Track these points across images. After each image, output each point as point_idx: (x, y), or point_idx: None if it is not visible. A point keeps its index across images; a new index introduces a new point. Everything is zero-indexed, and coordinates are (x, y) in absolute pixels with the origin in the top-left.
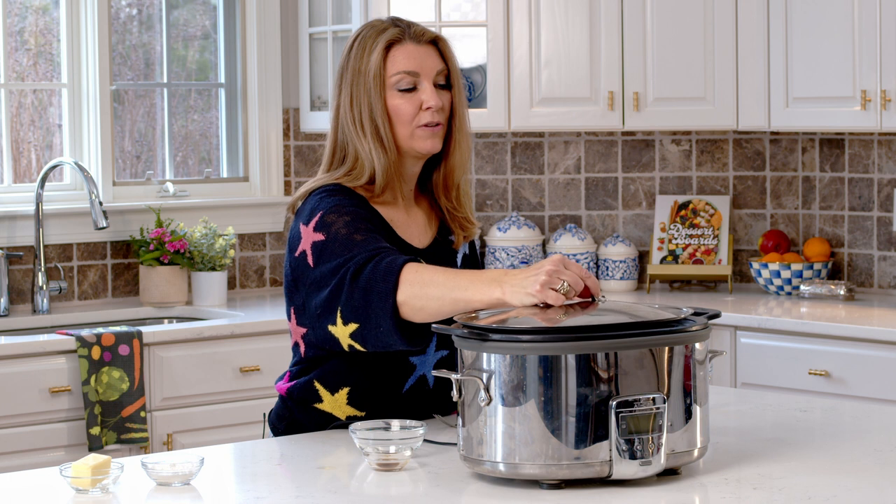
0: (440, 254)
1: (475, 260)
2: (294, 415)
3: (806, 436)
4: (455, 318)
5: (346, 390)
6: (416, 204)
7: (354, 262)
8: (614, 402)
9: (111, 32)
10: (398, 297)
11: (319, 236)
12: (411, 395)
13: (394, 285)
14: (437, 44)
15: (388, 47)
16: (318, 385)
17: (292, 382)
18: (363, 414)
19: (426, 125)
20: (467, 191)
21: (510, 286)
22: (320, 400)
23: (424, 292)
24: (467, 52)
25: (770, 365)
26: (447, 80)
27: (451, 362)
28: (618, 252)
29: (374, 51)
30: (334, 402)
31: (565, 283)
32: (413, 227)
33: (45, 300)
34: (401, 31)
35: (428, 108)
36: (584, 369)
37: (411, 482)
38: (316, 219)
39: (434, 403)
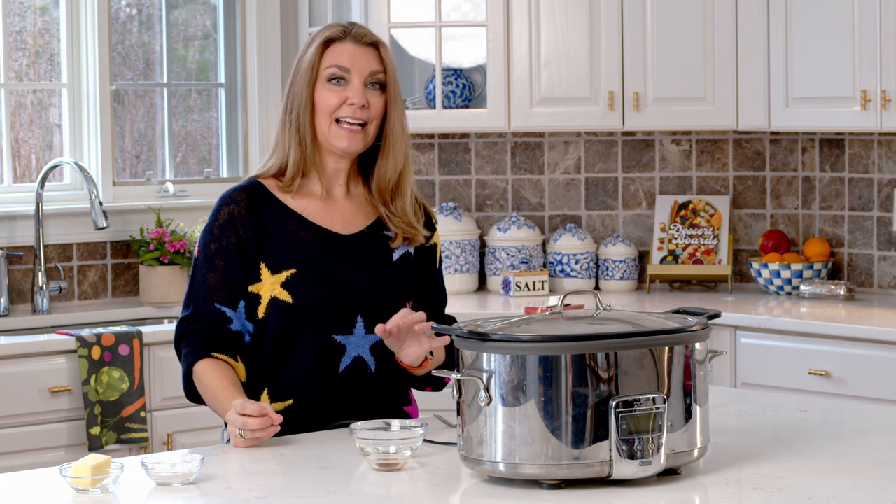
0: (368, 244)
1: (426, 265)
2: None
3: (806, 436)
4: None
5: (265, 392)
6: (350, 192)
7: (178, 325)
8: (614, 403)
9: (111, 32)
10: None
11: (195, 253)
12: (349, 378)
13: (186, 377)
14: (378, 48)
15: (327, 43)
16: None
17: None
18: (290, 402)
19: (344, 119)
20: (417, 201)
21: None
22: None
23: (203, 395)
24: (467, 52)
25: (770, 365)
26: (383, 83)
27: (385, 347)
28: (618, 252)
29: (313, 45)
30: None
31: (238, 431)
32: (336, 215)
33: (45, 300)
34: (343, 31)
35: (351, 104)
36: (584, 369)
37: (411, 482)
38: (201, 233)
39: (377, 390)
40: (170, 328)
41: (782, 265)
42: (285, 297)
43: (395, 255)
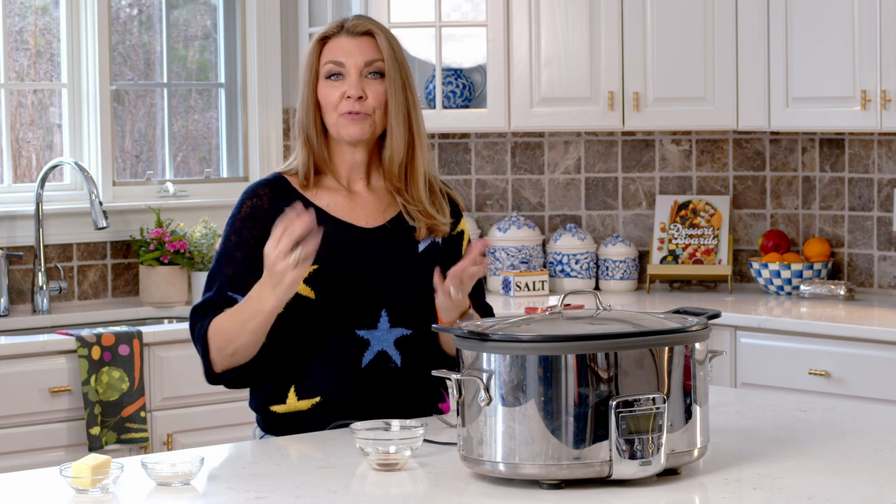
0: (392, 237)
1: (454, 254)
2: (269, 429)
3: (806, 436)
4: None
5: (292, 389)
6: (372, 185)
7: (192, 311)
8: (614, 403)
9: (111, 32)
10: (211, 357)
11: (219, 244)
12: (372, 372)
13: (204, 350)
14: (373, 36)
15: (324, 40)
16: (271, 395)
17: (256, 396)
18: (318, 399)
19: (346, 113)
20: (441, 190)
21: (268, 286)
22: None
23: (224, 339)
24: (467, 52)
25: (770, 365)
26: (383, 71)
27: (412, 341)
28: (618, 252)
29: (311, 44)
30: (291, 402)
31: (295, 256)
32: (359, 209)
33: (45, 300)
34: (337, 26)
35: (348, 97)
36: (584, 369)
37: (411, 482)
38: (226, 224)
39: (404, 385)
40: (170, 328)
41: (782, 265)
42: (308, 292)
43: (421, 247)
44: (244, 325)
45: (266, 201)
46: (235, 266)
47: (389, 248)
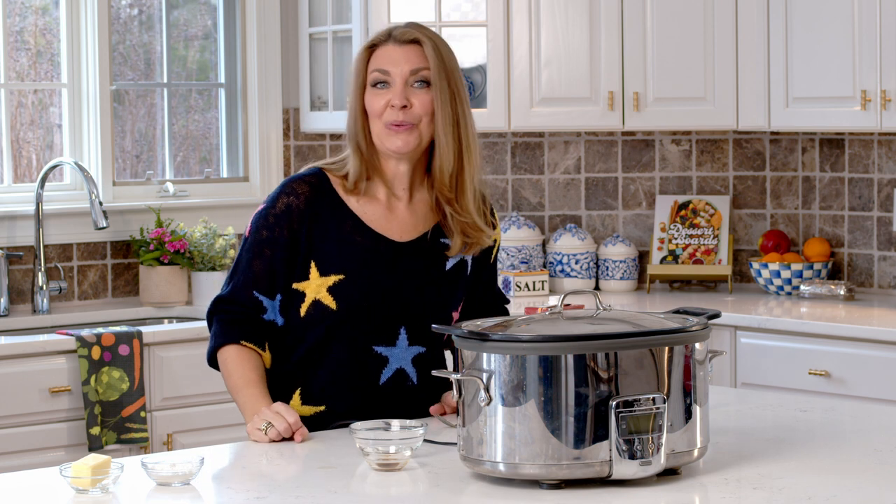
0: (422, 253)
1: (484, 261)
2: None
3: (806, 436)
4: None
5: (297, 392)
6: (414, 198)
7: (214, 302)
8: (614, 403)
9: (111, 32)
10: (216, 356)
11: (246, 232)
12: (390, 389)
13: (213, 345)
14: (420, 45)
15: (371, 49)
16: (274, 394)
17: None
18: (322, 408)
19: (389, 124)
20: (478, 196)
21: (250, 422)
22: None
23: (223, 373)
24: (467, 52)
25: (770, 365)
26: (429, 80)
27: (429, 359)
28: (618, 252)
29: (359, 52)
30: (294, 406)
31: (265, 425)
32: (395, 222)
33: (45, 300)
34: (385, 34)
35: (392, 106)
36: (584, 369)
37: (411, 482)
38: (256, 212)
39: (417, 401)
40: (170, 328)
41: (782, 265)
42: (329, 302)
43: (449, 264)
44: (233, 392)
45: (303, 200)
46: (263, 262)
47: (417, 264)
